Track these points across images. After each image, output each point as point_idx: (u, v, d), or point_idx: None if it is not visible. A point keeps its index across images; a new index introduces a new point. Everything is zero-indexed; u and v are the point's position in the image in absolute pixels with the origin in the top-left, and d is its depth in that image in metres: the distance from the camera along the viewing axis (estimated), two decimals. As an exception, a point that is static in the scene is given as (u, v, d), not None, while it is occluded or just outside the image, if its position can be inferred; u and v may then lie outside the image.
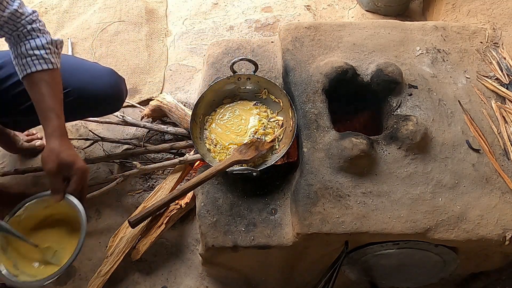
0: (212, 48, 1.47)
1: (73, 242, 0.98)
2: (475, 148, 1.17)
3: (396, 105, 1.24)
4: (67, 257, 0.96)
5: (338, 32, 1.39)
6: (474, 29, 1.44)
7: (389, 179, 1.11)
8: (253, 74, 1.27)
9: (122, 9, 2.16)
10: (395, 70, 1.24)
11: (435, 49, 1.36)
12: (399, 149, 1.15)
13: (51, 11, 2.17)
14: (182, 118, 1.59)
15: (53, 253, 1.00)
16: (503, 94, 1.28)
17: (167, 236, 1.54)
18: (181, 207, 1.46)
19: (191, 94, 1.88)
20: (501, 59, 1.36)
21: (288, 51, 1.34)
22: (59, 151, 0.99)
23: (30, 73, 1.04)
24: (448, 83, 1.29)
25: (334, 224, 1.05)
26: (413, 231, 1.05)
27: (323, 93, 1.24)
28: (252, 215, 1.16)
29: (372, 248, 1.18)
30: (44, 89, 1.04)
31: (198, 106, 1.25)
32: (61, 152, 0.99)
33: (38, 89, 1.04)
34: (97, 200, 1.62)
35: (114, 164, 1.68)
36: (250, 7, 2.26)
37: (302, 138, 1.16)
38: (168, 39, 2.13)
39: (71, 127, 1.80)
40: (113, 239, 1.42)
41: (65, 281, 1.48)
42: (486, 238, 1.06)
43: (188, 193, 1.18)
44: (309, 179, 1.10)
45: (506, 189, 1.12)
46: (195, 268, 1.51)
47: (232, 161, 1.11)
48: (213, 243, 1.13)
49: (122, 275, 1.47)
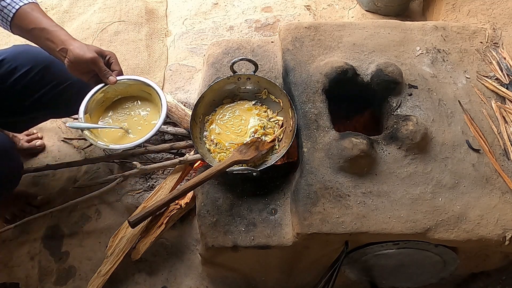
0: (212, 48, 1.47)
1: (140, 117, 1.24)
2: (475, 148, 1.17)
3: (396, 105, 1.24)
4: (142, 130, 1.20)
5: (338, 32, 1.39)
6: (474, 29, 1.44)
7: (389, 179, 1.11)
8: (253, 74, 1.27)
9: (122, 9, 2.15)
10: (395, 70, 1.24)
11: (435, 49, 1.37)
12: (399, 149, 1.15)
13: (51, 11, 2.17)
14: (182, 118, 1.59)
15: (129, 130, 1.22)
16: (503, 94, 1.28)
17: (167, 236, 1.54)
18: (181, 207, 1.46)
19: (191, 94, 1.88)
20: (501, 59, 1.36)
21: (288, 51, 1.34)
22: (86, 45, 1.10)
23: (18, 9, 1.07)
24: (448, 83, 1.29)
25: (334, 224, 1.05)
26: (413, 231, 1.05)
27: (323, 93, 1.23)
28: (252, 215, 1.16)
29: (372, 248, 1.18)
30: (36, 13, 1.09)
31: (198, 106, 1.25)
32: (88, 45, 1.10)
33: (32, 16, 1.08)
34: (97, 200, 1.62)
35: (114, 164, 1.68)
36: (250, 7, 2.26)
37: (302, 138, 1.16)
38: (168, 39, 2.13)
39: (71, 127, 1.80)
40: (113, 239, 1.42)
41: (65, 281, 1.48)
42: (486, 238, 1.06)
43: (188, 193, 1.18)
44: (309, 179, 1.10)
45: (506, 189, 1.12)
46: (195, 268, 1.51)
47: (232, 161, 1.11)
48: (213, 243, 1.13)
49: (122, 275, 1.47)
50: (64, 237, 1.56)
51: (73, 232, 1.57)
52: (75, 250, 1.53)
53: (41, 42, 1.10)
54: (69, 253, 1.53)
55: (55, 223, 1.58)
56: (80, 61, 1.09)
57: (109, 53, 1.18)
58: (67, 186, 1.64)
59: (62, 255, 1.52)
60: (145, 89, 1.26)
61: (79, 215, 1.60)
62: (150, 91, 1.25)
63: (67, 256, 1.52)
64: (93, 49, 1.12)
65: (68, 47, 1.09)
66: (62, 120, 1.81)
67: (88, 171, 1.69)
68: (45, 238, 1.55)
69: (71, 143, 1.75)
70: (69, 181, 1.66)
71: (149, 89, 1.25)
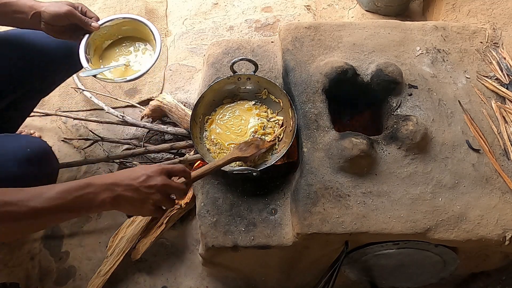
0: (212, 48, 1.47)
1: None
2: (475, 148, 1.17)
3: (396, 105, 1.24)
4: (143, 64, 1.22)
5: (338, 32, 1.39)
6: (474, 29, 1.44)
7: (389, 179, 1.11)
8: (253, 74, 1.27)
9: (122, 9, 2.15)
10: (395, 70, 1.24)
11: (435, 49, 1.37)
12: (399, 149, 1.15)
13: (51, 11, 2.17)
14: (182, 118, 1.59)
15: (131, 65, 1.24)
16: (503, 94, 1.28)
17: (167, 236, 1.54)
18: (181, 207, 1.46)
19: (191, 94, 1.88)
20: (501, 59, 1.36)
21: (288, 51, 1.34)
22: (56, 1, 1.09)
23: None
24: (448, 83, 1.29)
25: (334, 224, 1.05)
26: (413, 231, 1.05)
27: (323, 93, 1.24)
28: (252, 215, 1.16)
29: (372, 248, 1.18)
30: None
31: (198, 106, 1.25)
32: (58, 1, 1.08)
33: None
34: (97, 200, 1.62)
35: (114, 164, 1.68)
36: (250, 7, 2.26)
37: (302, 138, 1.16)
38: (168, 39, 2.13)
39: (71, 127, 1.80)
40: (113, 239, 1.42)
41: (65, 281, 1.48)
42: (486, 238, 1.06)
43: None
44: (309, 179, 1.10)
45: (506, 189, 1.12)
46: (195, 268, 1.51)
47: (232, 157, 1.11)
48: (213, 243, 1.13)
49: (122, 275, 1.47)
50: (64, 237, 1.56)
51: (73, 232, 1.57)
52: (75, 250, 1.53)
53: (8, 18, 1.06)
54: (69, 253, 1.53)
55: (55, 223, 1.59)
56: (57, 17, 1.06)
57: (78, 4, 1.15)
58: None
59: (62, 255, 1.52)
60: (128, 25, 1.26)
61: (79, 215, 1.60)
62: (135, 25, 1.25)
63: (67, 256, 1.52)
64: (65, 3, 1.09)
65: (39, 9, 1.05)
66: (74, 76, 1.79)
67: (88, 171, 1.69)
68: (45, 238, 1.55)
69: (71, 143, 1.75)
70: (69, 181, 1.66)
71: (133, 24, 1.25)
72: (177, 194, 0.91)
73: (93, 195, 0.80)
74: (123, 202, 0.84)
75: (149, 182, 0.85)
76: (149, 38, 1.26)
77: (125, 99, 1.87)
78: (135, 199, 0.84)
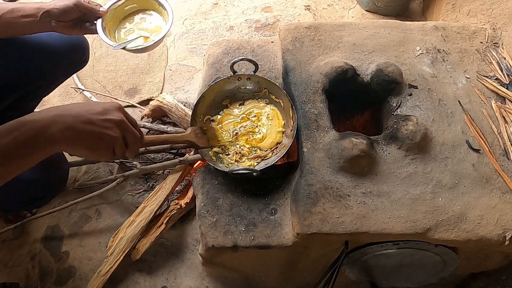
0: (212, 48, 1.47)
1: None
2: (475, 148, 1.17)
3: (396, 105, 1.24)
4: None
5: (338, 32, 1.39)
6: (474, 29, 1.44)
7: (389, 179, 1.11)
8: (253, 74, 1.27)
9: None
10: (395, 70, 1.24)
11: (435, 49, 1.37)
12: (399, 149, 1.15)
13: (51, 11, 2.16)
14: (182, 118, 1.59)
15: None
16: (503, 94, 1.28)
17: (167, 236, 1.54)
18: (181, 207, 1.46)
19: (191, 94, 1.88)
20: (501, 59, 1.36)
21: (288, 51, 1.34)
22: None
23: None
24: (448, 83, 1.29)
25: (334, 224, 1.05)
26: (413, 231, 1.05)
27: (323, 93, 1.24)
28: (252, 215, 1.16)
29: (372, 248, 1.18)
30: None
31: (198, 106, 1.25)
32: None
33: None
34: (97, 200, 1.62)
35: (114, 164, 1.68)
36: (250, 7, 2.26)
37: (302, 138, 1.16)
38: (168, 39, 2.13)
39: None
40: (113, 239, 1.42)
41: (65, 281, 1.48)
42: (486, 238, 1.06)
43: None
44: (309, 179, 1.10)
45: (506, 189, 1.12)
46: (195, 268, 1.51)
47: (185, 140, 1.13)
48: (213, 243, 1.13)
49: (122, 275, 1.47)
50: (64, 237, 1.56)
51: (73, 232, 1.57)
52: (75, 250, 1.53)
53: (17, 25, 1.05)
54: (69, 253, 1.53)
55: (55, 223, 1.58)
56: (67, 11, 1.05)
57: None
58: (67, 186, 1.64)
59: (62, 255, 1.52)
60: (132, 2, 1.28)
61: (79, 215, 1.60)
62: (137, 1, 1.28)
63: (67, 256, 1.52)
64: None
65: (47, 8, 1.04)
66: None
67: (88, 171, 1.69)
68: (45, 238, 1.55)
69: (71, 143, 1.75)
70: (69, 181, 1.66)
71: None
72: (131, 141, 0.80)
73: (37, 131, 0.68)
74: (76, 137, 0.71)
75: (107, 116, 0.74)
76: (154, 7, 1.31)
77: (125, 99, 1.87)
78: (90, 133, 0.72)
